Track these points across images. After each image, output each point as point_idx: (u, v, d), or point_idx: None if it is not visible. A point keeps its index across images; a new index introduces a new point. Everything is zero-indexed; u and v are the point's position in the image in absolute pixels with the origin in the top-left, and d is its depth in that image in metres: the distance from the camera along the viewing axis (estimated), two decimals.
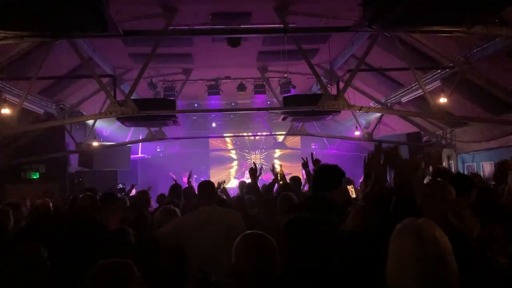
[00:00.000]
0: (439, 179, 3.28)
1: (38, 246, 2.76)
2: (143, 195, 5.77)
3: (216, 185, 4.44)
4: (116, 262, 2.33)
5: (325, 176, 3.36)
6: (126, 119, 8.45)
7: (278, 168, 6.48)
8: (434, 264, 1.51)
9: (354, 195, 7.39)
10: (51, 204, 5.14)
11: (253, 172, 4.81)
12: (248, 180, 11.20)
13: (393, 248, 1.62)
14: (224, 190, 6.90)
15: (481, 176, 7.04)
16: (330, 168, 3.42)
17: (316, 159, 5.67)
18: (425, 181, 4.61)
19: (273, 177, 5.83)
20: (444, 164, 11.25)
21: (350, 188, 8.25)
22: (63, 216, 4.57)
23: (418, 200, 2.63)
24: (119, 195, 7.88)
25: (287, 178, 6.59)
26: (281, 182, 6.02)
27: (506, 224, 2.83)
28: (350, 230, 2.34)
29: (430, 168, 5.07)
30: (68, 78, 9.88)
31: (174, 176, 12.43)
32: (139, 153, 15.66)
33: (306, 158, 5.66)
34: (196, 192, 6.21)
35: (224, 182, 7.51)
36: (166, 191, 6.72)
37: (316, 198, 3.26)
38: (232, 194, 10.15)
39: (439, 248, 1.54)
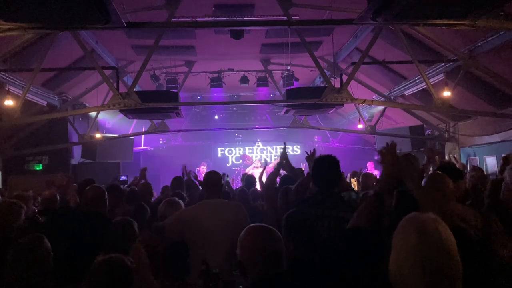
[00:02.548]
0: (438, 171, 3.29)
1: (42, 237, 2.78)
2: (146, 187, 5.78)
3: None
4: (114, 259, 2.35)
5: (331, 171, 3.36)
6: (129, 111, 8.45)
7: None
8: (437, 259, 1.51)
9: (356, 188, 7.42)
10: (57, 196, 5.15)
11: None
12: (250, 172, 11.27)
13: (397, 242, 1.62)
14: (227, 183, 6.93)
15: (482, 169, 7.04)
16: (329, 162, 3.40)
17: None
18: None
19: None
20: (447, 158, 11.22)
21: (354, 181, 8.28)
22: (70, 208, 4.58)
23: (415, 195, 2.64)
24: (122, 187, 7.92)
25: None
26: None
27: (504, 219, 2.84)
28: (354, 225, 2.35)
29: (431, 166, 5.06)
30: (71, 69, 9.87)
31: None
32: (142, 145, 15.66)
33: (310, 151, 5.63)
34: (199, 184, 6.28)
35: (228, 176, 7.54)
36: (169, 183, 6.72)
37: (327, 194, 3.27)
38: (234, 186, 10.17)
39: (442, 243, 1.54)
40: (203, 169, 13.28)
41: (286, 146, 4.75)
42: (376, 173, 9.61)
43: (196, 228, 3.40)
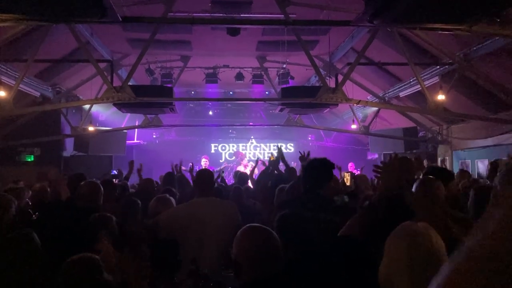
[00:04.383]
0: (429, 176, 3.29)
1: (31, 232, 2.75)
2: (148, 183, 5.74)
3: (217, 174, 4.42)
4: (83, 259, 2.34)
5: (316, 173, 3.38)
6: (122, 105, 8.40)
7: (270, 156, 6.50)
8: (428, 269, 1.51)
9: (348, 183, 7.45)
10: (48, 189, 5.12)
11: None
12: (242, 169, 11.25)
13: (388, 251, 1.63)
14: (223, 180, 6.92)
15: (469, 173, 7.09)
16: (320, 164, 3.41)
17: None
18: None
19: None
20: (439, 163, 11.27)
21: (347, 175, 8.32)
22: (62, 202, 4.55)
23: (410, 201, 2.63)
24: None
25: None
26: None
27: None
28: (345, 233, 2.35)
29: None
30: (65, 61, 9.79)
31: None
32: (135, 139, 15.59)
33: (304, 152, 5.64)
34: (191, 180, 6.26)
35: (223, 171, 7.52)
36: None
37: (310, 196, 3.27)
38: (228, 182, 10.15)
39: (434, 253, 1.54)
40: (205, 163, 13.06)
41: (280, 145, 4.76)
42: (357, 172, 9.71)
43: (188, 227, 3.39)
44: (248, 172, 7.48)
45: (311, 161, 3.53)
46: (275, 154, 6.47)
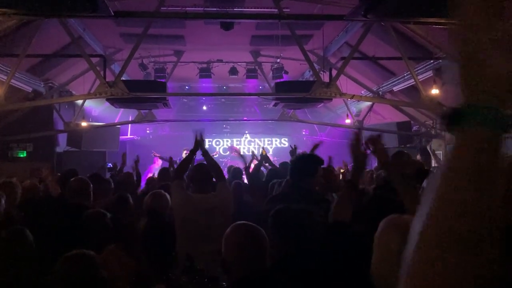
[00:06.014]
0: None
1: (23, 229, 2.73)
2: (127, 177, 5.72)
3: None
4: (78, 255, 2.33)
5: (301, 166, 3.43)
6: (115, 101, 8.35)
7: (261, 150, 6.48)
8: None
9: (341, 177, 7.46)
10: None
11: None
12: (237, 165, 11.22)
13: (378, 244, 1.62)
14: None
15: None
16: (305, 158, 3.48)
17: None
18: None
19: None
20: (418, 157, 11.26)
21: (342, 170, 8.32)
22: (53, 199, 4.51)
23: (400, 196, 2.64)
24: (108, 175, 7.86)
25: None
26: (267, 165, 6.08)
27: None
28: (335, 219, 2.35)
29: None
30: (58, 56, 9.70)
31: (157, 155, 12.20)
32: (128, 134, 15.51)
33: (294, 146, 5.65)
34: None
35: None
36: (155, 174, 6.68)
37: (294, 188, 3.32)
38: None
39: None
40: (186, 154, 12.90)
41: (274, 139, 4.79)
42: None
43: (187, 222, 3.38)
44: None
45: (298, 156, 3.61)
46: (268, 149, 6.51)
